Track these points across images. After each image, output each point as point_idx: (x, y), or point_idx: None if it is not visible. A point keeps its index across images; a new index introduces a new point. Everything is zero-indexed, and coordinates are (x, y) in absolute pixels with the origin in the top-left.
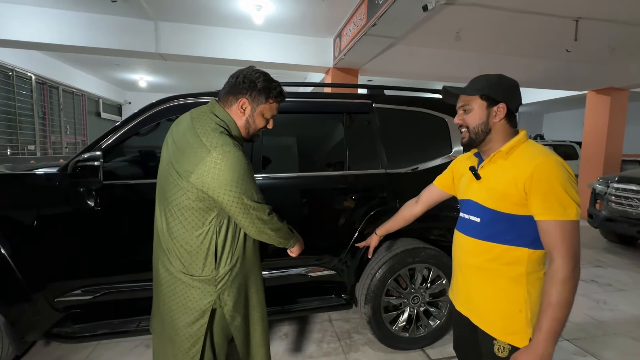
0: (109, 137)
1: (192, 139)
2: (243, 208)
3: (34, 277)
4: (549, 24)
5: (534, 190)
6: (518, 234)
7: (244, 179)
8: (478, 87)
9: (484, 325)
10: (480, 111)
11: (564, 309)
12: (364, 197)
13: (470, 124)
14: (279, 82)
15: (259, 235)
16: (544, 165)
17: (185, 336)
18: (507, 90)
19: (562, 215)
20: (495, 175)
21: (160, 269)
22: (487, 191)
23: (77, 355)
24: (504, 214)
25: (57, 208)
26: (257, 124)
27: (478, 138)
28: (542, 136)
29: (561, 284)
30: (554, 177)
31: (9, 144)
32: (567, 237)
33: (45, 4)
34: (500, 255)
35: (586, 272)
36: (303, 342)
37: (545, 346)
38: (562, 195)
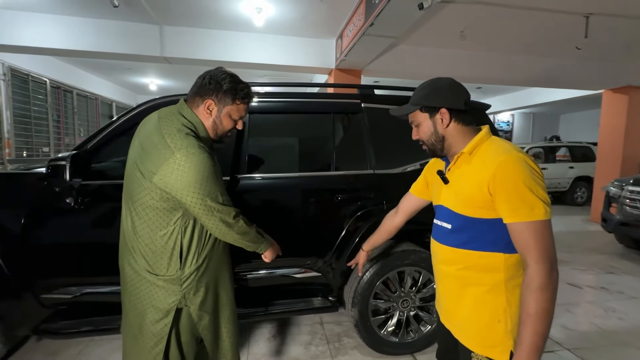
0: (95, 138)
1: (157, 140)
2: (206, 210)
3: (22, 274)
4: (558, 21)
5: (498, 191)
6: (491, 238)
7: (208, 180)
8: (414, 101)
9: (462, 338)
10: (426, 123)
11: (544, 320)
12: (350, 198)
13: (422, 138)
14: (247, 83)
15: (224, 237)
16: (505, 163)
17: (148, 335)
18: (443, 93)
19: (529, 216)
20: (461, 179)
21: (125, 268)
22: (455, 196)
23: (69, 351)
24: (474, 218)
25: (42, 207)
26: (224, 125)
27: (437, 148)
28: (558, 137)
29: (539, 292)
30: (516, 175)
31: (25, 146)
32: (538, 238)
33: (55, 10)
34: (476, 262)
35: (597, 278)
36: (291, 344)
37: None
38: (527, 195)
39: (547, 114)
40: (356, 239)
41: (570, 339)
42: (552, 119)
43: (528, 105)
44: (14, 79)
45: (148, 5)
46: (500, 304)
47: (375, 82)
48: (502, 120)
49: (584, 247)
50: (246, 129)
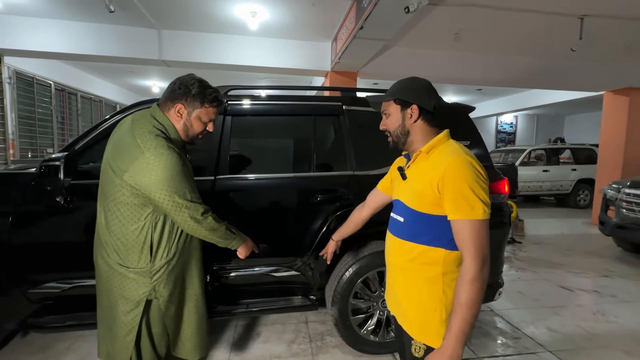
0: (84, 139)
1: (129, 140)
2: (175, 206)
3: (10, 270)
4: (552, 23)
5: (445, 189)
6: (436, 234)
7: (176, 179)
8: (391, 92)
9: (405, 325)
10: (396, 114)
11: (471, 310)
12: (329, 199)
13: (389, 128)
14: (215, 88)
15: (194, 232)
16: (453, 164)
17: (121, 324)
18: (418, 92)
19: (469, 215)
20: (416, 176)
21: (99, 261)
22: (410, 191)
23: (58, 345)
24: (423, 214)
25: (30, 205)
26: (194, 128)
27: (400, 140)
28: (563, 139)
29: (469, 284)
30: (461, 176)
31: (29, 147)
32: (474, 236)
33: (56, 15)
34: (420, 255)
35: (590, 281)
36: (274, 342)
37: (454, 347)
38: (469, 195)
39: (552, 115)
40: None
41: (554, 341)
42: (556, 121)
43: (531, 107)
44: (19, 82)
45: (146, 10)
46: (437, 295)
47: (374, 85)
48: (505, 122)
49: (581, 250)
50: (228, 130)
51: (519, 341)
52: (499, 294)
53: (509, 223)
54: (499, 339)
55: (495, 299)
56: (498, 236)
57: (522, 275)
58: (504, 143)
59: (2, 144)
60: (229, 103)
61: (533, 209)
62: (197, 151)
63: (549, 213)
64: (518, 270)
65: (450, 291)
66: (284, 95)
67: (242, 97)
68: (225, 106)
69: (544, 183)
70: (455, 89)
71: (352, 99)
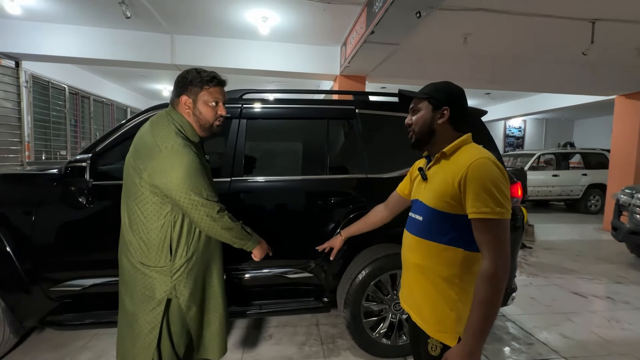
0: (104, 141)
1: (148, 140)
2: (191, 203)
3: (32, 269)
4: (563, 27)
5: (467, 188)
6: (456, 234)
7: (192, 176)
8: (426, 90)
9: (421, 323)
10: (426, 113)
11: (490, 307)
12: (342, 202)
13: (417, 125)
14: (211, 71)
15: (210, 231)
16: (477, 164)
17: (143, 323)
18: (452, 96)
19: (491, 214)
20: (437, 175)
21: (123, 260)
22: (430, 191)
23: (74, 343)
24: (443, 212)
25: (53, 206)
26: (204, 114)
27: (423, 138)
28: (572, 144)
29: (488, 281)
30: (486, 176)
31: (44, 149)
32: (495, 235)
33: (73, 21)
34: (438, 254)
35: (603, 288)
36: (286, 344)
37: (473, 343)
38: (492, 194)
39: (561, 119)
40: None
41: (567, 348)
42: (566, 125)
43: (540, 111)
44: (35, 86)
45: (160, 15)
46: (454, 295)
47: (382, 89)
48: (513, 126)
49: (593, 256)
50: (243, 133)
51: (532, 347)
52: (512, 298)
53: (522, 227)
54: (512, 344)
55: (508, 304)
56: (511, 240)
57: (533, 280)
58: (513, 147)
59: (18, 146)
60: (243, 106)
61: (543, 214)
62: (214, 153)
63: (559, 218)
64: (529, 275)
65: (467, 291)
66: (297, 98)
67: (257, 100)
68: (241, 109)
69: (553, 188)
70: None
71: (365, 103)
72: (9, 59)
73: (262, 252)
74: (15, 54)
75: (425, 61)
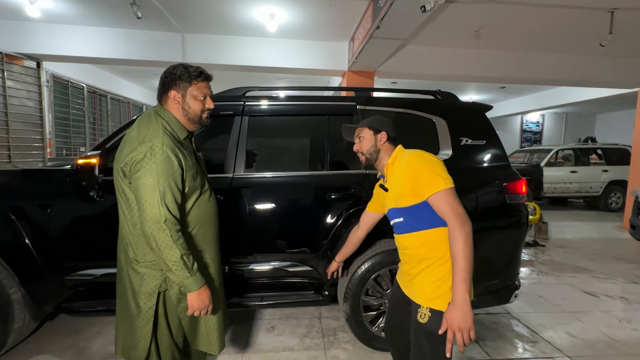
0: (113, 138)
1: (132, 134)
2: (147, 207)
3: (48, 259)
4: (580, 17)
5: (412, 180)
6: (430, 217)
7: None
8: (367, 122)
9: (415, 296)
10: (369, 138)
11: (464, 258)
12: (341, 197)
13: (363, 148)
14: (198, 66)
15: (149, 239)
16: (409, 160)
17: (138, 316)
18: (384, 123)
19: (436, 188)
20: (392, 183)
21: (120, 256)
22: (394, 196)
23: (89, 329)
24: (412, 206)
25: (66, 200)
26: (193, 108)
27: (372, 157)
28: (594, 139)
29: (457, 239)
30: (418, 165)
31: (64, 146)
32: (446, 203)
33: (89, 22)
34: (425, 238)
35: (618, 287)
36: (288, 336)
37: (460, 293)
38: (430, 174)
39: (582, 113)
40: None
41: (573, 347)
42: (587, 119)
43: (559, 105)
44: (55, 85)
45: (171, 15)
46: (446, 269)
47: (393, 84)
48: (531, 121)
49: (609, 255)
50: (245, 129)
51: (536, 345)
52: (515, 296)
53: (527, 224)
54: (515, 342)
55: (511, 301)
56: (514, 237)
57: (543, 279)
58: (530, 143)
59: (40, 143)
60: (246, 104)
61: (560, 211)
62: (216, 149)
63: (576, 216)
64: (539, 273)
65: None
66: (299, 95)
67: (259, 97)
68: (243, 106)
69: (571, 184)
70: (476, 87)
71: (365, 99)
72: (30, 60)
73: (199, 302)
74: (36, 55)
75: (436, 56)
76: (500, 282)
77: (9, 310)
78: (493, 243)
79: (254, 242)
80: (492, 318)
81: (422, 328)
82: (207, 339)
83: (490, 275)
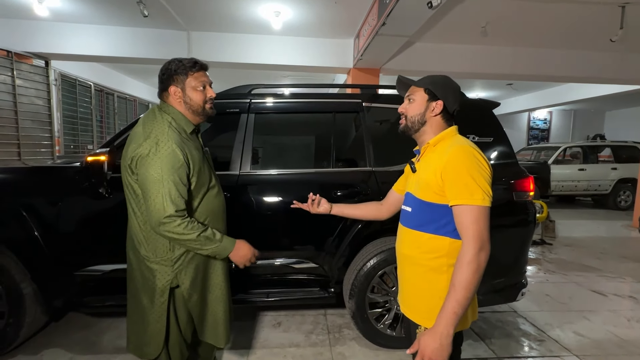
0: (121, 136)
1: (138, 130)
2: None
3: (58, 254)
4: (590, 12)
5: (446, 177)
6: (441, 223)
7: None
8: (425, 81)
9: (410, 314)
10: (420, 103)
11: (464, 291)
12: (347, 194)
13: (409, 113)
14: (191, 57)
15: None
16: (455, 153)
17: (151, 312)
18: (448, 90)
19: (468, 200)
20: (424, 167)
21: (129, 253)
22: (417, 182)
23: (99, 324)
24: (429, 203)
25: (76, 196)
26: (195, 99)
27: (413, 127)
28: (603, 136)
29: (464, 266)
30: (462, 163)
31: (72, 144)
32: (473, 220)
33: (96, 21)
34: (425, 244)
35: (627, 287)
36: (294, 332)
37: (445, 325)
38: (469, 181)
39: (590, 110)
40: (352, 234)
41: (580, 346)
42: (596, 117)
43: (567, 102)
44: (63, 84)
45: (176, 13)
46: (442, 283)
47: None
48: (538, 118)
49: (618, 254)
50: (251, 127)
51: (543, 344)
52: (521, 294)
53: (534, 222)
54: (521, 340)
55: (518, 299)
56: (522, 235)
57: (550, 277)
58: (537, 140)
59: (49, 141)
60: (252, 101)
61: (567, 209)
62: (223, 147)
63: (584, 214)
64: (546, 272)
65: None
66: (305, 93)
67: (264, 95)
68: (249, 104)
69: (579, 182)
70: (483, 83)
71: (371, 96)
72: (39, 59)
73: (240, 257)
74: (44, 53)
75: (442, 52)
76: (507, 280)
77: (20, 304)
78: (500, 241)
79: (260, 239)
80: (498, 316)
81: None
82: (214, 332)
83: (496, 274)
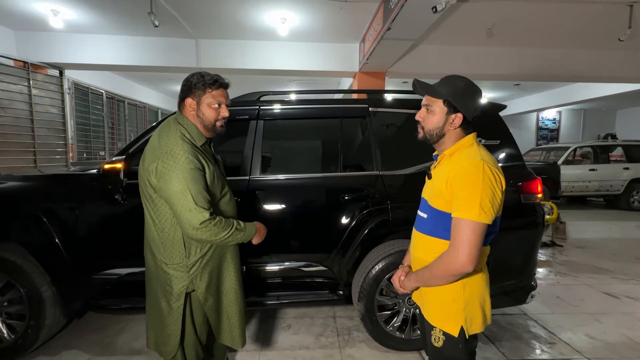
0: (136, 143)
1: (154, 143)
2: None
3: (77, 258)
4: (597, 12)
5: (452, 189)
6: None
7: (186, 189)
8: (444, 91)
9: (426, 314)
10: (440, 115)
11: (433, 280)
12: (355, 198)
13: (427, 126)
14: (215, 74)
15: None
16: (466, 166)
17: (167, 315)
18: (468, 101)
19: (465, 213)
20: (438, 175)
21: (148, 257)
22: (432, 190)
23: (114, 326)
24: (441, 211)
25: (94, 202)
26: (207, 115)
27: (432, 139)
28: (614, 135)
29: (444, 265)
30: (468, 179)
31: (85, 150)
32: (466, 234)
33: (107, 31)
34: (438, 249)
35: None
36: (304, 334)
37: (414, 280)
38: (470, 196)
39: (601, 110)
40: (360, 237)
41: (593, 349)
42: (606, 116)
43: (576, 101)
44: (76, 92)
45: (185, 22)
46: (457, 288)
47: (404, 83)
48: (547, 118)
49: (631, 255)
50: (260, 133)
51: (554, 346)
52: (531, 296)
53: (543, 224)
54: (532, 343)
55: (528, 302)
56: (530, 237)
57: (561, 280)
58: (546, 140)
59: (63, 148)
60: (260, 108)
61: (579, 210)
62: (233, 152)
63: (596, 215)
64: (557, 274)
65: (469, 284)
66: (312, 99)
67: (273, 102)
68: (258, 111)
69: (590, 183)
70: (490, 84)
71: (378, 101)
72: (54, 69)
73: (259, 237)
74: (59, 63)
75: (448, 55)
76: (516, 282)
77: (41, 307)
78: (508, 244)
79: (270, 243)
80: (508, 319)
81: (437, 352)
82: (230, 335)
83: (505, 276)
